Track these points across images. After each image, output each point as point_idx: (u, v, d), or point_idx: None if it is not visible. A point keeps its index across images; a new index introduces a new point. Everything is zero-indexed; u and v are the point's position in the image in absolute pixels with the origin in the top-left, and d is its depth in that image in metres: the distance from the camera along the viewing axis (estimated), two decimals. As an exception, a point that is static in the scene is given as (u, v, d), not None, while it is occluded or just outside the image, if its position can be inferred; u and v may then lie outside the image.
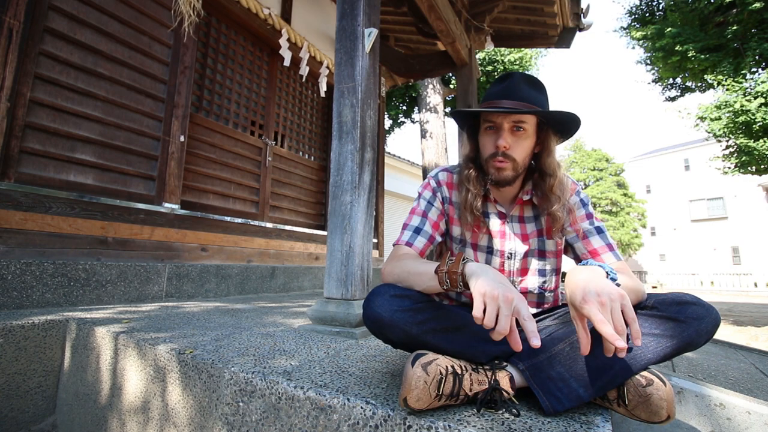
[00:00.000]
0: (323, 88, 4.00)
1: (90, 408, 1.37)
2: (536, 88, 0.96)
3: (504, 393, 0.75)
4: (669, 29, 5.73)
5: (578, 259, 1.04)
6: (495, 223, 1.05)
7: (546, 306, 1.07)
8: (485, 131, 0.99)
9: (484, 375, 0.77)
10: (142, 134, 2.52)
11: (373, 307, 0.80)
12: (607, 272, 0.74)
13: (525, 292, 1.06)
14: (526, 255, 1.04)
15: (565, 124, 0.98)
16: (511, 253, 1.04)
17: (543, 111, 0.93)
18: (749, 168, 5.67)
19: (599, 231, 1.02)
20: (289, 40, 3.61)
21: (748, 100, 5.10)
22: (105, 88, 2.33)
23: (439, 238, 1.08)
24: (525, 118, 0.94)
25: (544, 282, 1.05)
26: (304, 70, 3.77)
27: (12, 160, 1.92)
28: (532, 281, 1.05)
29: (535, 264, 1.05)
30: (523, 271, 1.05)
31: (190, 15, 2.58)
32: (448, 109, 8.45)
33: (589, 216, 1.04)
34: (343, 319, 1.52)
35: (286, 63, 3.52)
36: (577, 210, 1.03)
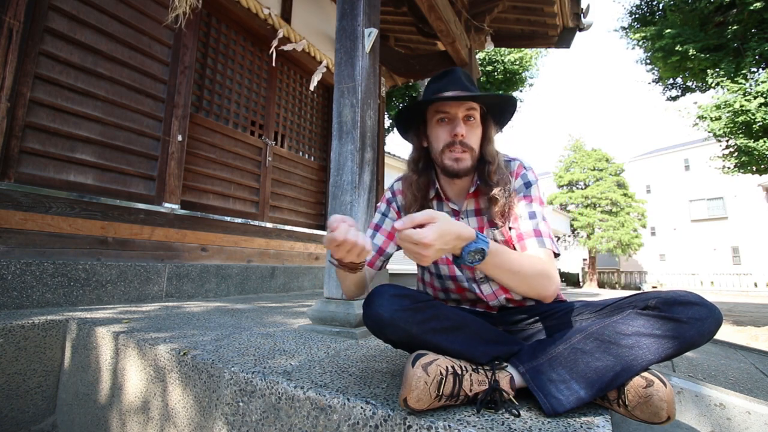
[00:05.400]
0: (315, 81, 3.81)
1: (90, 408, 1.37)
2: (473, 82, 1.02)
3: (504, 393, 0.75)
4: (668, 30, 5.73)
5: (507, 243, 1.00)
6: None
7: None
8: (437, 123, 1.00)
9: (484, 375, 0.77)
10: (142, 134, 2.52)
11: (373, 306, 0.80)
12: (478, 238, 0.75)
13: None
14: None
15: (505, 110, 1.02)
16: None
17: (494, 94, 0.98)
18: (749, 168, 5.66)
19: (532, 216, 0.97)
20: (288, 39, 3.60)
21: (748, 100, 5.10)
22: (105, 88, 2.33)
23: (391, 249, 1.09)
24: (475, 107, 0.98)
25: None
26: (314, 81, 3.73)
27: (12, 160, 1.92)
28: None
29: None
30: None
31: (184, 8, 2.56)
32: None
33: (528, 198, 0.99)
34: (343, 319, 1.52)
35: (273, 41, 3.45)
36: (517, 193, 1.00)
